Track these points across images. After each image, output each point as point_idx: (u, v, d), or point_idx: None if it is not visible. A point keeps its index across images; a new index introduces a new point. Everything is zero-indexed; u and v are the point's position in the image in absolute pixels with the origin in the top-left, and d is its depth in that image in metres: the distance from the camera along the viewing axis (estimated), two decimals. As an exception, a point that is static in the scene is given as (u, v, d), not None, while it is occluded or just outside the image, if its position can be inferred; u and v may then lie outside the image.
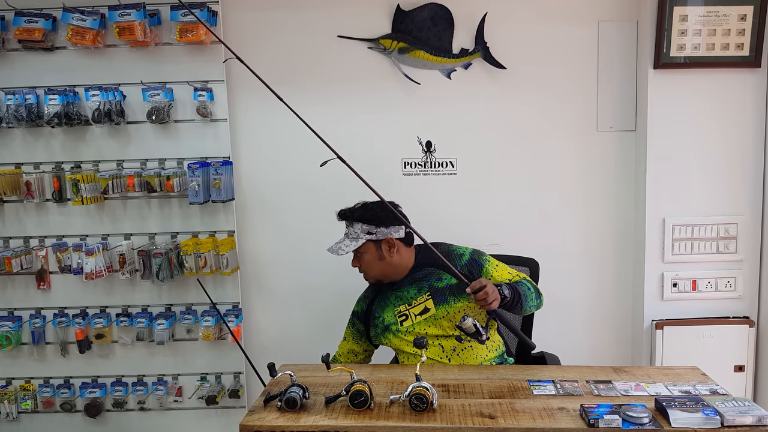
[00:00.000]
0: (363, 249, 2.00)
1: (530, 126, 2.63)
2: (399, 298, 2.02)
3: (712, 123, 2.52)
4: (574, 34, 2.58)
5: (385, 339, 2.03)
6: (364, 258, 2.01)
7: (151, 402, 2.74)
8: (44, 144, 2.61)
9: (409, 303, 1.99)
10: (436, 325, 1.96)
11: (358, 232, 1.99)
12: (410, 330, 1.97)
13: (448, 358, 1.95)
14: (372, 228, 1.99)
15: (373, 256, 2.00)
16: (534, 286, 1.98)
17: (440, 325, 1.96)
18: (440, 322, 1.96)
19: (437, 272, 2.01)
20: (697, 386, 1.62)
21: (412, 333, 1.97)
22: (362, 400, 1.51)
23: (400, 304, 2.01)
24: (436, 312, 1.95)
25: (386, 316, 2.02)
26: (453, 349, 1.96)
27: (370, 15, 2.57)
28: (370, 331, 2.08)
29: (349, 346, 2.14)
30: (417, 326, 1.97)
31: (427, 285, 1.99)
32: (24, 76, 2.57)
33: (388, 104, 2.63)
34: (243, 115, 2.65)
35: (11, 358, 2.72)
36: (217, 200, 2.54)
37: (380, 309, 2.05)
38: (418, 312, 1.97)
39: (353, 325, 2.14)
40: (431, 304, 1.96)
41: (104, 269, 2.55)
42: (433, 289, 1.98)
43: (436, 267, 2.01)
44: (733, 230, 2.54)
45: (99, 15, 2.47)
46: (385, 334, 2.02)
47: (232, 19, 2.59)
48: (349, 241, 1.99)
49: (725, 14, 2.43)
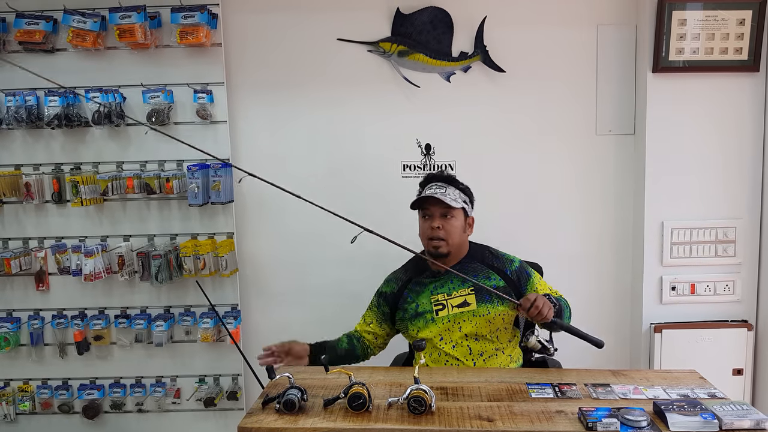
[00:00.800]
0: (456, 213, 1.95)
1: (529, 129, 2.64)
2: (440, 286, 1.97)
3: (710, 127, 2.52)
4: (573, 37, 2.59)
5: (412, 325, 1.98)
6: (453, 222, 1.94)
7: (150, 404, 2.74)
8: (44, 145, 2.62)
9: (449, 293, 1.96)
10: (473, 322, 1.92)
11: (456, 196, 1.95)
12: (444, 321, 1.93)
13: (474, 361, 1.93)
14: (467, 198, 2.00)
15: (460, 225, 1.97)
16: (567, 303, 1.99)
17: (476, 323, 1.92)
18: (477, 320, 1.92)
19: (486, 270, 1.99)
20: (696, 390, 1.62)
21: (446, 325, 1.93)
22: (360, 403, 1.51)
23: (439, 293, 1.97)
24: (477, 309, 1.92)
25: (421, 302, 1.97)
26: (480, 353, 1.94)
27: (369, 18, 2.58)
28: (396, 314, 2.03)
29: (373, 329, 2.08)
30: (452, 318, 1.93)
31: (473, 280, 1.96)
32: (24, 77, 2.56)
33: (388, 107, 2.63)
34: (243, 117, 2.66)
35: (9, 359, 2.72)
36: (216, 202, 2.55)
37: (414, 294, 2.01)
38: (457, 304, 1.94)
39: (378, 306, 2.07)
40: (473, 299, 1.93)
41: (103, 271, 2.55)
42: (478, 286, 1.94)
43: (486, 265, 2.00)
44: (732, 234, 2.55)
45: (99, 17, 2.47)
46: (415, 321, 1.97)
47: (232, 22, 2.59)
48: (450, 199, 1.93)
49: (724, 18, 2.44)
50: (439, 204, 1.94)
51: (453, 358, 1.94)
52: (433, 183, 1.99)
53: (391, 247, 2.22)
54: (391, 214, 2.65)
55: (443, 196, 1.92)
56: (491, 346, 1.96)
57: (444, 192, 1.94)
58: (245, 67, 2.62)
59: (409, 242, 2.22)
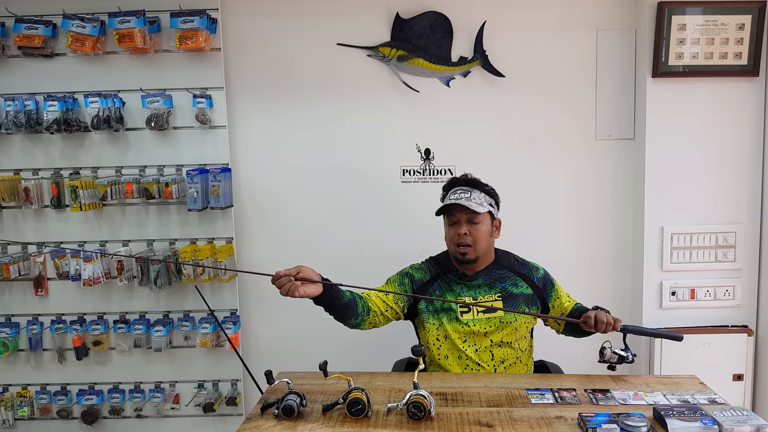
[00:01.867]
0: (482, 218, 1.92)
1: (529, 134, 2.64)
2: (467, 288, 1.96)
3: (710, 131, 2.52)
4: (572, 42, 2.59)
5: (434, 319, 1.95)
6: (479, 228, 1.92)
7: (148, 409, 2.73)
8: (43, 150, 2.62)
9: (475, 297, 1.95)
10: (499, 329, 1.92)
11: (482, 200, 1.92)
12: (470, 324, 1.92)
13: (495, 368, 1.92)
14: (493, 202, 1.97)
15: (487, 230, 1.94)
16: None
17: (502, 330, 1.92)
18: (504, 327, 1.92)
19: (513, 277, 1.98)
20: (696, 395, 1.62)
21: (469, 328, 1.91)
22: (360, 408, 1.51)
23: (465, 295, 1.95)
24: (504, 316, 1.92)
25: (448, 298, 1.96)
26: (502, 360, 1.93)
27: (369, 23, 2.58)
28: (420, 304, 1.98)
29: (386, 300, 1.97)
30: (477, 323, 1.92)
31: (500, 286, 1.95)
32: (23, 82, 2.57)
33: (387, 112, 2.63)
34: (242, 122, 2.66)
35: (8, 364, 2.71)
36: (215, 207, 2.54)
37: (442, 289, 1.98)
38: (483, 309, 1.92)
39: (402, 284, 2.00)
40: (500, 305, 1.93)
41: (102, 276, 2.54)
42: (506, 292, 1.94)
43: (513, 272, 1.99)
44: (732, 239, 2.54)
45: (99, 22, 2.48)
46: (438, 316, 1.95)
47: (232, 27, 2.60)
48: (475, 204, 1.90)
49: (723, 23, 2.44)
50: (465, 210, 1.91)
51: (474, 363, 1.92)
52: (458, 187, 1.97)
53: (388, 254, 2.22)
54: (391, 218, 2.67)
55: (468, 202, 1.89)
56: (513, 354, 1.96)
57: (469, 197, 1.91)
58: (244, 71, 2.63)
59: (410, 243, 2.22)
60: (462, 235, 1.92)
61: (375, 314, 1.95)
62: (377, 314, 1.96)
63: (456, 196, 1.93)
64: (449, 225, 1.97)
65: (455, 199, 1.92)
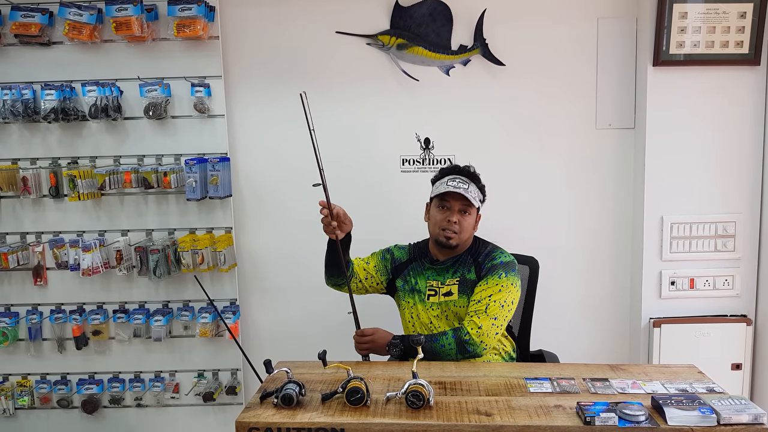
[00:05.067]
0: (473, 212, 2.02)
1: (529, 123, 2.63)
2: (436, 273, 2.05)
3: (711, 121, 2.51)
4: (573, 31, 2.57)
5: (408, 298, 2.07)
6: (467, 219, 2.01)
7: (148, 398, 2.74)
8: (41, 139, 2.61)
9: (443, 281, 2.03)
10: (453, 312, 2.00)
11: (476, 195, 2.01)
12: (434, 307, 2.02)
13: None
14: (482, 198, 2.06)
15: (472, 222, 2.03)
16: (457, 342, 1.87)
17: (456, 314, 1.99)
18: (457, 311, 1.99)
19: (471, 264, 2.03)
20: (694, 384, 1.62)
21: (434, 310, 2.02)
22: (359, 397, 1.51)
23: (435, 280, 2.04)
24: (457, 299, 1.99)
25: (419, 281, 2.07)
26: None
27: (368, 11, 2.56)
28: (397, 282, 2.11)
29: (367, 269, 2.14)
30: (439, 306, 2.01)
31: (460, 272, 2.02)
32: (20, 71, 2.55)
33: (387, 101, 2.62)
34: (240, 111, 2.64)
35: (8, 354, 2.72)
36: (214, 197, 2.54)
37: (415, 272, 2.10)
38: (444, 292, 2.01)
39: (384, 259, 2.15)
40: (455, 290, 2.00)
41: (101, 265, 2.54)
42: (462, 278, 2.01)
43: (473, 259, 2.04)
44: (732, 228, 2.54)
45: (96, 10, 2.46)
46: (412, 295, 2.07)
47: (230, 15, 2.58)
48: (472, 196, 1.98)
49: (725, 12, 2.42)
50: (461, 200, 1.98)
51: None
52: (458, 176, 2.02)
53: (388, 242, 2.22)
54: (391, 208, 2.66)
55: (467, 193, 1.97)
56: None
57: (467, 188, 1.98)
58: (243, 60, 2.61)
59: (409, 233, 2.23)
60: (452, 222, 1.98)
61: (355, 280, 2.13)
62: (357, 281, 2.13)
63: (455, 184, 1.97)
64: (440, 209, 2.02)
65: (455, 187, 1.96)
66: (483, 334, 1.88)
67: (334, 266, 2.06)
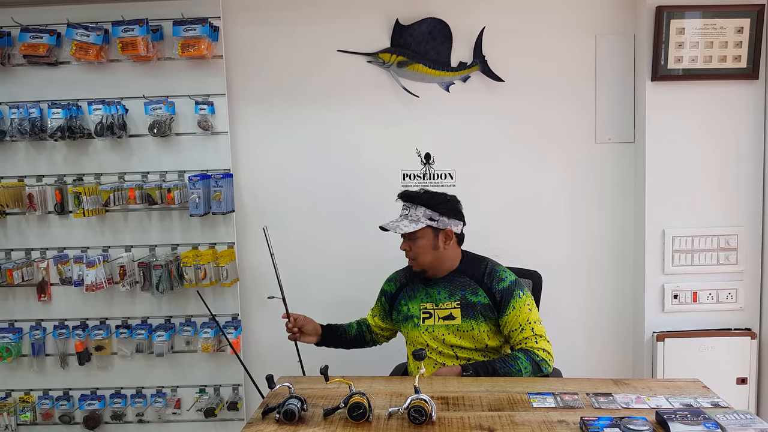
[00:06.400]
0: (420, 234, 1.97)
1: (529, 138, 2.65)
2: (429, 296, 2.02)
3: (710, 134, 2.52)
4: (571, 47, 2.60)
5: (404, 327, 2.07)
6: (418, 243, 1.97)
7: (150, 414, 2.73)
8: (47, 157, 2.64)
9: (436, 303, 2.00)
10: (457, 335, 1.97)
11: (419, 216, 1.97)
12: (430, 330, 1.99)
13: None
14: (435, 215, 1.98)
15: (428, 244, 1.97)
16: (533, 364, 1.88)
17: (461, 336, 1.97)
18: (462, 335, 1.97)
19: (474, 286, 1.99)
20: (699, 399, 1.61)
21: (431, 333, 1.99)
22: (361, 413, 1.51)
23: (428, 302, 2.01)
24: (461, 324, 1.96)
25: (411, 307, 2.05)
26: (468, 359, 1.96)
27: (369, 29, 2.59)
28: (393, 315, 2.12)
29: (378, 323, 2.19)
30: (437, 329, 1.98)
31: (460, 294, 1.98)
32: (28, 90, 2.59)
33: (388, 117, 2.64)
34: (243, 128, 2.67)
35: (11, 369, 2.72)
36: (217, 212, 2.55)
37: (407, 298, 2.07)
38: (443, 316, 1.98)
39: (380, 303, 2.18)
40: (458, 314, 1.97)
41: (105, 281, 2.55)
42: (465, 301, 1.97)
43: (475, 281, 1.99)
44: (734, 241, 2.54)
45: (102, 30, 2.50)
46: (406, 323, 2.06)
47: (233, 35, 2.62)
48: (408, 222, 1.96)
49: (722, 26, 2.45)
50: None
51: (440, 365, 1.98)
52: (402, 202, 2.04)
53: (389, 258, 2.23)
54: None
55: (394, 224, 1.97)
56: (478, 355, 1.98)
57: (407, 214, 1.99)
58: (246, 78, 2.64)
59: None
60: (405, 250, 2.02)
61: (379, 336, 2.22)
62: (381, 335, 2.22)
63: (391, 219, 2.01)
64: None
65: (389, 221, 2.00)
66: (548, 353, 1.92)
67: (347, 347, 2.19)
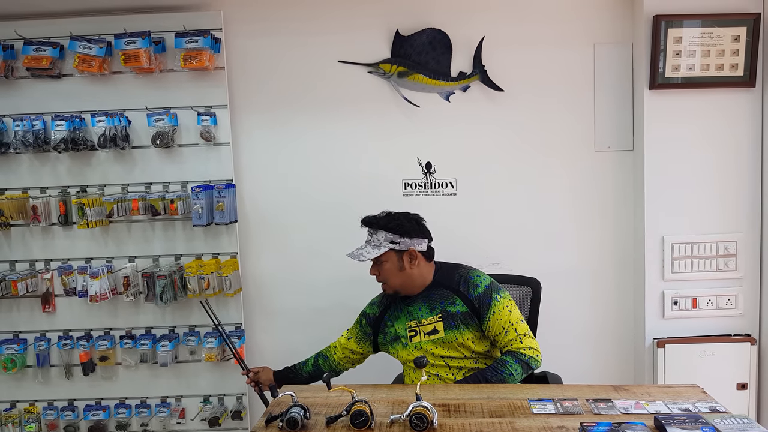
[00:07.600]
0: (384, 258, 1.99)
1: (528, 147, 2.67)
2: (410, 314, 2.02)
3: (708, 142, 2.55)
4: (570, 56, 2.63)
5: (393, 349, 2.06)
6: (384, 267, 2.00)
7: (155, 424, 2.74)
8: (51, 169, 2.66)
9: (419, 321, 2.00)
10: (444, 347, 1.98)
11: (381, 240, 1.99)
12: (418, 346, 1.99)
13: (454, 376, 1.97)
14: (396, 237, 1.99)
15: (393, 266, 1.99)
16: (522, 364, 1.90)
17: (447, 347, 1.98)
18: (448, 345, 1.98)
19: (452, 296, 1.99)
20: (697, 404, 1.62)
21: (420, 350, 1.99)
22: (363, 420, 1.52)
23: (411, 320, 2.02)
24: (445, 336, 1.97)
25: (397, 328, 2.04)
26: (460, 368, 1.97)
27: (369, 40, 2.62)
28: (379, 338, 2.10)
29: (351, 346, 2.15)
30: (425, 344, 1.99)
31: (440, 307, 1.98)
32: (32, 103, 2.63)
33: (389, 127, 2.67)
34: (246, 138, 2.70)
35: (16, 380, 2.74)
36: (220, 222, 2.57)
37: (393, 319, 2.07)
38: (428, 331, 1.99)
39: (360, 326, 2.14)
40: (441, 327, 1.97)
41: (108, 292, 2.57)
42: (445, 312, 1.98)
43: (451, 290, 2.00)
44: (733, 248, 2.55)
45: (105, 43, 2.53)
46: (394, 345, 2.05)
47: (235, 46, 2.65)
48: (371, 248, 1.99)
49: (719, 35, 2.48)
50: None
51: (434, 375, 1.99)
52: (366, 228, 2.05)
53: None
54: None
55: (358, 253, 1.99)
56: (469, 362, 1.99)
57: (370, 239, 2.01)
58: (248, 89, 2.67)
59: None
60: (374, 275, 2.03)
61: (344, 362, 2.17)
62: (346, 361, 2.17)
63: (356, 248, 2.02)
64: None
65: (354, 249, 2.02)
66: (534, 349, 1.93)
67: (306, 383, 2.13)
